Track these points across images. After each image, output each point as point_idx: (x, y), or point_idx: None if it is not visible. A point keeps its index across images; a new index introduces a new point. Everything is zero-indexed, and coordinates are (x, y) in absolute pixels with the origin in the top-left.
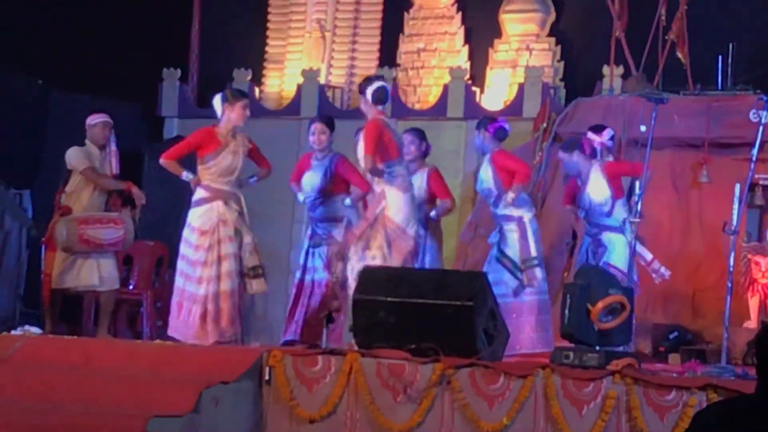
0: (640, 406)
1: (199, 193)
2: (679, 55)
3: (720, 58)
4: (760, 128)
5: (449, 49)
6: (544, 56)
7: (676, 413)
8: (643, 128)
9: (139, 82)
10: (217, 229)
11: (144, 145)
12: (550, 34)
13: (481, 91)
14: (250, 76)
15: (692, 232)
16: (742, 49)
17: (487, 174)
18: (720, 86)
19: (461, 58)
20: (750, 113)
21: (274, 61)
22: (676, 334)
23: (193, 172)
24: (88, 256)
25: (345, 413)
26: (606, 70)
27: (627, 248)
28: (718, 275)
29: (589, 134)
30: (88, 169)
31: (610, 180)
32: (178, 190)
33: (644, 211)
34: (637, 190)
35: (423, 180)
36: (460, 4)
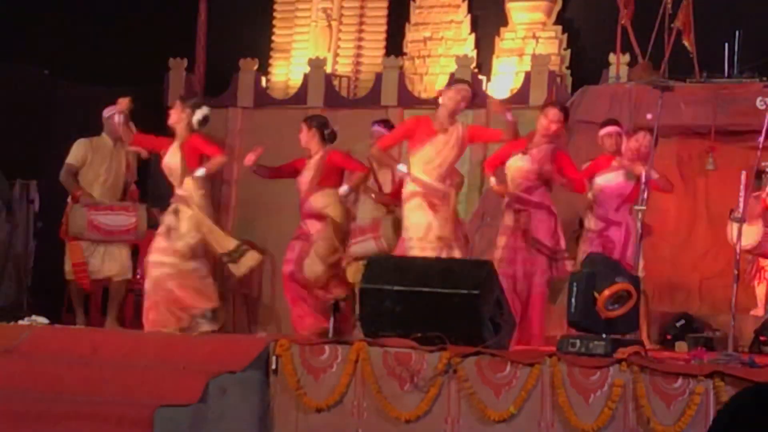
0: (646, 394)
1: None
2: (686, 43)
3: (726, 45)
4: (767, 115)
5: (455, 38)
6: (550, 44)
7: (683, 401)
8: (650, 116)
9: (146, 71)
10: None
11: None
12: (557, 23)
13: (488, 80)
14: (256, 66)
15: (699, 220)
16: (749, 37)
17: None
18: (726, 74)
19: (468, 47)
20: (757, 101)
21: (280, 51)
22: (682, 321)
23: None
24: (107, 244)
25: (352, 402)
26: (612, 58)
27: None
28: (725, 263)
29: None
30: (66, 166)
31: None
32: None
33: (649, 200)
34: (643, 179)
35: None
36: None
